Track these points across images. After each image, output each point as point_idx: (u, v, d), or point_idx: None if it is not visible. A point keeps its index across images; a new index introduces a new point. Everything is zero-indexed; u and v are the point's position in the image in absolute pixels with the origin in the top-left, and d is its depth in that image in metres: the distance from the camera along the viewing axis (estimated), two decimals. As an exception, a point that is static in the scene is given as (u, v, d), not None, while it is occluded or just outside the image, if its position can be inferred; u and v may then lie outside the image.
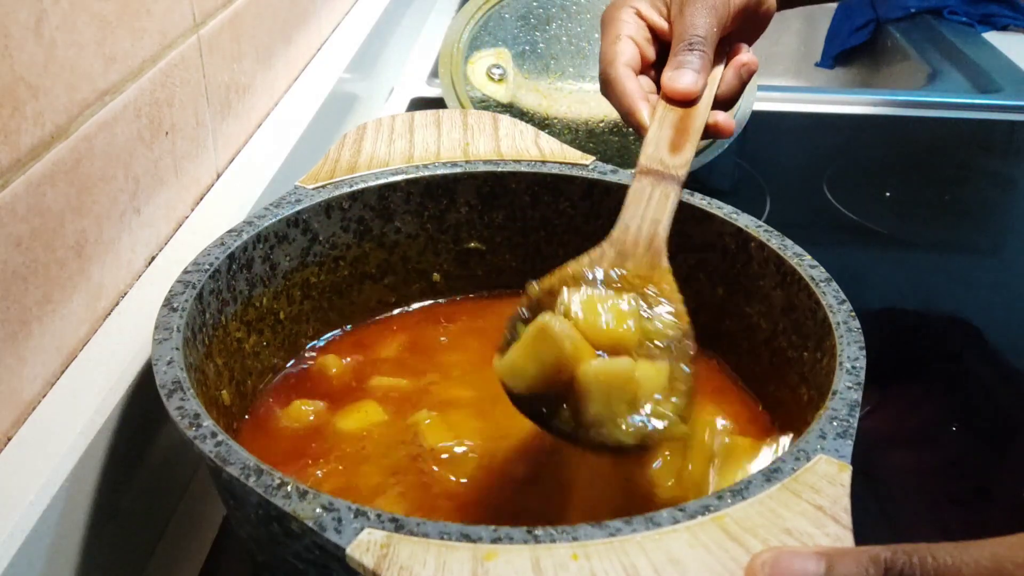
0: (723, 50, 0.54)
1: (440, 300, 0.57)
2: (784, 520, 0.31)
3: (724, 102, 0.54)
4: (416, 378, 0.51)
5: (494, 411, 0.46)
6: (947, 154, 0.95)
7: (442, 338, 0.54)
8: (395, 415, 0.48)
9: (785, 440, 0.44)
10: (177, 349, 0.39)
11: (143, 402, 0.44)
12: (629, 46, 0.53)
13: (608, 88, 0.54)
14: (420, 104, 0.96)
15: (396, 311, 0.56)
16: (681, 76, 0.51)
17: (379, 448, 0.46)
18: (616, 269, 0.45)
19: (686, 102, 0.51)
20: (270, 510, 0.32)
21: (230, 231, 0.47)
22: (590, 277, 0.45)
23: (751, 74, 0.55)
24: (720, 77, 0.53)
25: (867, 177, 0.89)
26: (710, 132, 0.53)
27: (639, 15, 0.54)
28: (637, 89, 0.52)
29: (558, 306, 0.41)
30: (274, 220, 0.49)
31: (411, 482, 0.44)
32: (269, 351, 0.50)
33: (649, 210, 0.47)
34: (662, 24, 0.54)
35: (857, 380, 0.39)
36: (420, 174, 0.53)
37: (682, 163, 0.49)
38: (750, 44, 0.56)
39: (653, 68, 0.54)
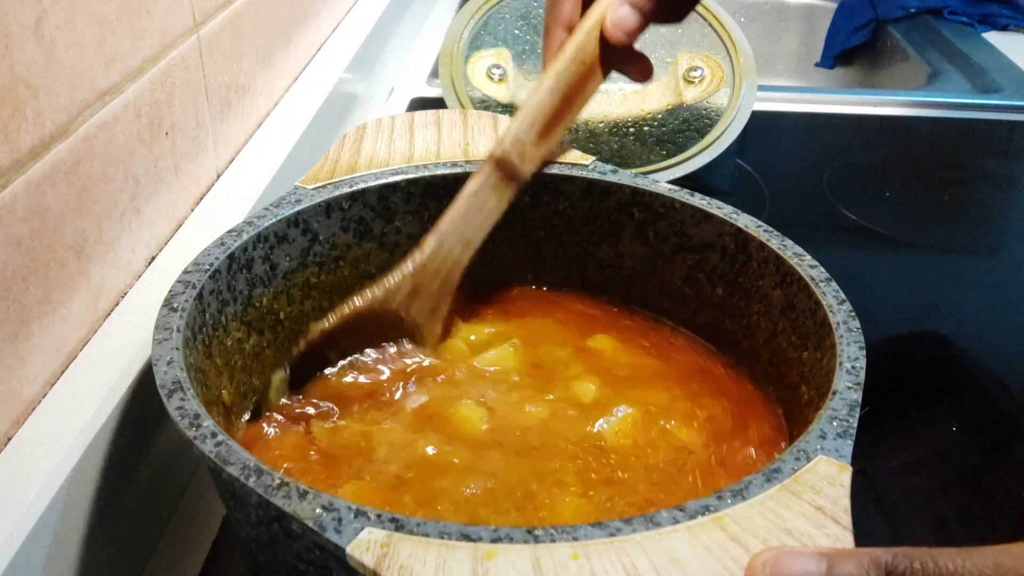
0: None
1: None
2: (784, 520, 0.31)
3: (669, 14, 0.48)
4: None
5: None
6: (947, 154, 0.95)
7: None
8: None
9: None
10: (177, 349, 0.39)
11: (143, 402, 0.44)
12: None
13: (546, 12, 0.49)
14: (420, 104, 0.96)
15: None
16: (630, 15, 0.45)
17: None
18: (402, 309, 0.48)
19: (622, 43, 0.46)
20: (270, 510, 0.32)
21: (230, 231, 0.47)
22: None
23: None
24: None
25: (867, 177, 0.89)
26: (626, 71, 0.48)
27: None
28: (566, 15, 0.47)
29: None
30: (274, 220, 0.49)
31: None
32: (269, 351, 0.50)
33: (471, 227, 0.47)
34: None
35: (857, 380, 0.39)
36: (420, 174, 0.53)
37: (538, 158, 0.47)
38: None
39: None
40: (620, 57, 0.48)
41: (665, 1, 0.47)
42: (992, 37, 1.20)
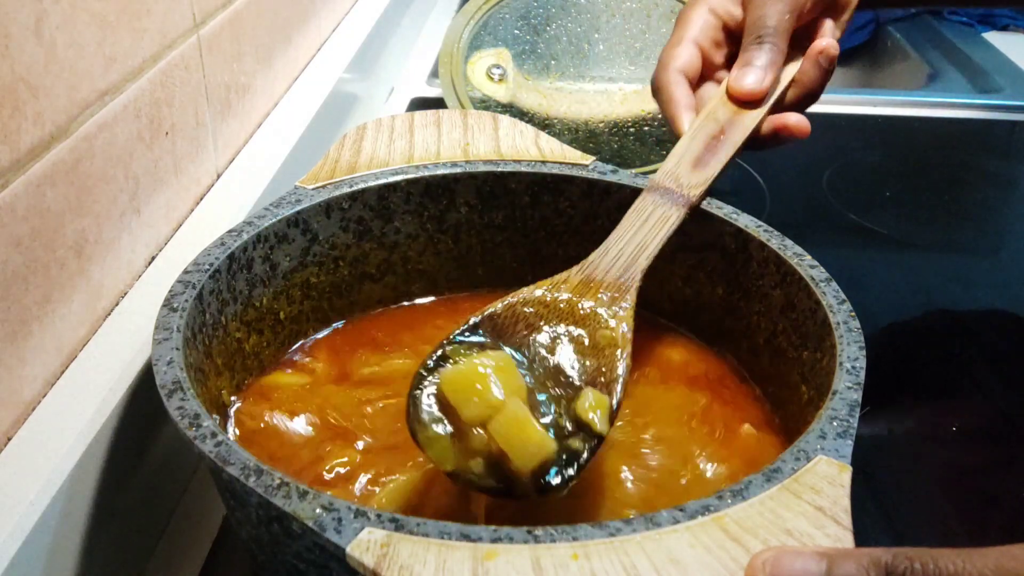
0: (803, 38, 0.51)
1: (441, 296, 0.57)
2: (784, 521, 0.31)
3: (804, 97, 0.51)
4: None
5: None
6: (947, 154, 0.95)
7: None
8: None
9: None
10: (177, 349, 0.39)
11: (143, 402, 0.44)
12: (688, 50, 0.51)
13: (656, 93, 0.52)
14: (420, 104, 0.96)
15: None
16: (745, 75, 0.49)
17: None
18: (574, 297, 0.44)
19: (751, 103, 0.49)
20: (270, 510, 0.32)
21: (230, 231, 0.47)
22: (546, 299, 0.44)
23: (832, 62, 0.50)
24: (793, 72, 0.50)
25: (867, 177, 0.89)
26: (781, 137, 0.50)
27: (712, 12, 0.52)
28: (682, 97, 0.50)
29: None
30: (274, 220, 0.49)
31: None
32: (269, 351, 0.50)
33: (639, 234, 0.46)
34: (738, 17, 0.51)
35: (857, 380, 0.39)
36: (420, 174, 0.53)
37: (699, 182, 0.47)
38: (836, 26, 0.52)
39: (726, 67, 0.52)
40: (758, 117, 0.50)
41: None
42: (992, 37, 1.21)
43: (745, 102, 0.49)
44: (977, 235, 0.83)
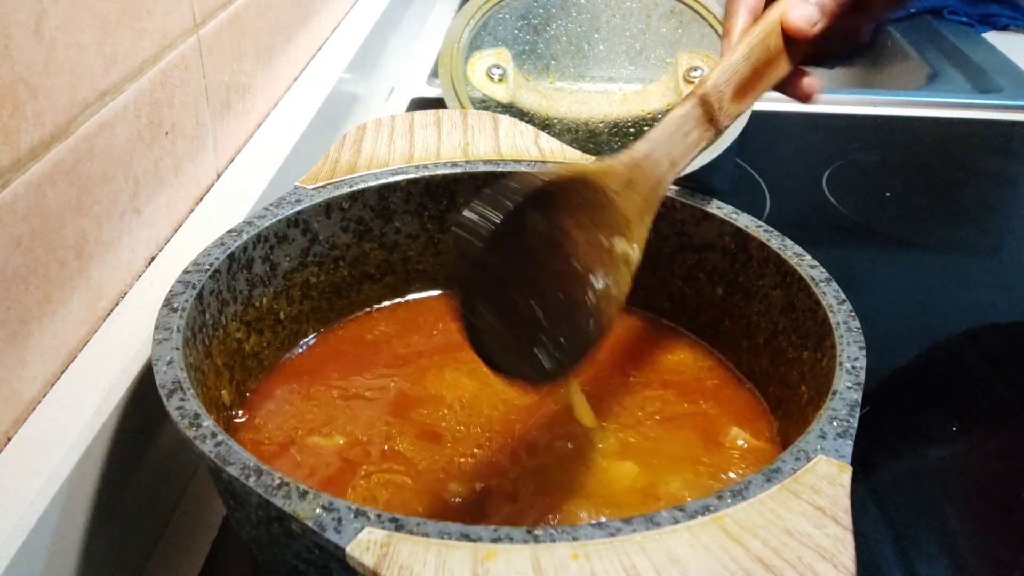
0: None
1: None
2: (784, 520, 0.31)
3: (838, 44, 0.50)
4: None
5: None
6: (947, 154, 0.95)
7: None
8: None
9: None
10: (177, 349, 0.39)
11: (143, 402, 0.44)
12: None
13: None
14: (420, 104, 0.96)
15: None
16: (805, 11, 0.48)
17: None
18: (617, 189, 0.43)
19: (801, 40, 0.48)
20: (270, 510, 0.32)
21: (230, 231, 0.47)
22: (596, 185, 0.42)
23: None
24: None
25: (867, 177, 0.89)
26: (786, 90, 0.50)
27: None
28: (736, 19, 0.49)
29: None
30: (274, 220, 0.49)
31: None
32: (269, 351, 0.50)
33: (677, 147, 0.45)
34: None
35: (857, 380, 0.39)
36: (420, 174, 0.53)
37: (734, 114, 0.47)
38: None
39: None
40: (796, 59, 0.49)
41: (847, 15, 0.49)
42: (992, 37, 1.20)
43: (796, 39, 0.48)
44: (977, 235, 0.83)
